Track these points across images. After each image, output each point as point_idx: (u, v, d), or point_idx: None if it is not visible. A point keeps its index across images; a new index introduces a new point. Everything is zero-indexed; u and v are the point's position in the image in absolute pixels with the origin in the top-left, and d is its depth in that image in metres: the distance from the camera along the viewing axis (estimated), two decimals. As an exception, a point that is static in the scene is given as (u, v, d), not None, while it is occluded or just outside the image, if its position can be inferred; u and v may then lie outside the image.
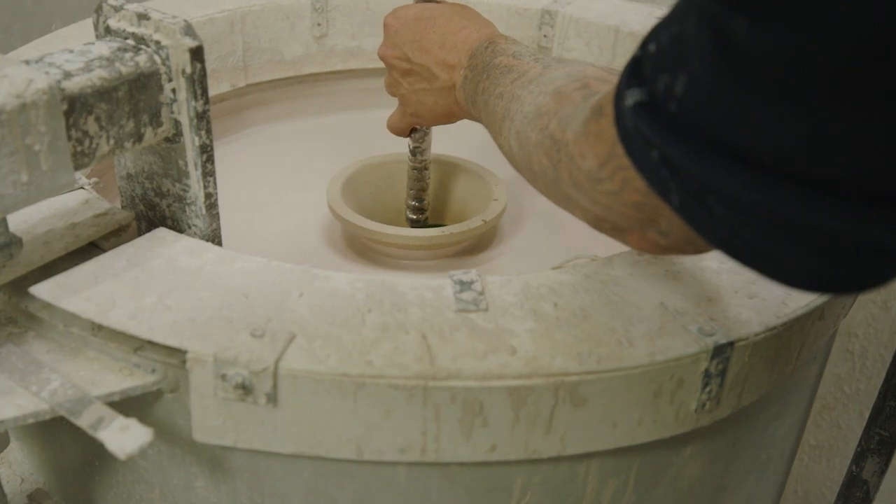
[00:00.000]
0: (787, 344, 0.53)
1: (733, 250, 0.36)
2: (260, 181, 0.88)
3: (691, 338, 0.49)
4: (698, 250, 0.43)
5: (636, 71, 0.37)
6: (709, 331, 0.49)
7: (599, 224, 0.45)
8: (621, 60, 0.93)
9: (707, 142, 0.33)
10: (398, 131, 0.78)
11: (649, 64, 0.36)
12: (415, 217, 0.84)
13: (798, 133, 0.31)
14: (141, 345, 0.48)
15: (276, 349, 0.45)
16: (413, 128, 0.78)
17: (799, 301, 0.53)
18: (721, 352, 0.49)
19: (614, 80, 0.40)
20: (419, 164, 0.80)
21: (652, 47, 0.36)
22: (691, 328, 0.49)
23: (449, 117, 0.71)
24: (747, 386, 0.52)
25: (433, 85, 0.69)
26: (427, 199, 0.83)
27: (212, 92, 0.91)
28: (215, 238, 0.56)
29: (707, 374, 0.49)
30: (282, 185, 0.88)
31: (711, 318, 0.50)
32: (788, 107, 0.30)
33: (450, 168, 0.86)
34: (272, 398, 0.46)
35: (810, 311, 0.53)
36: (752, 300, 0.52)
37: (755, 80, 0.31)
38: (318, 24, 0.96)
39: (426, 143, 0.80)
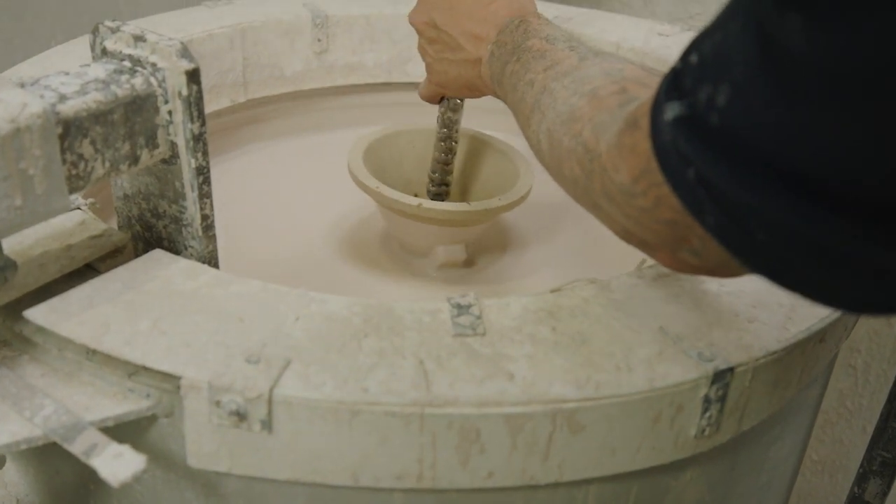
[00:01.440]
0: (788, 368, 0.52)
1: (774, 275, 0.34)
2: (259, 199, 0.88)
3: (691, 363, 0.48)
4: (732, 273, 0.41)
5: (676, 83, 0.35)
6: (709, 356, 0.49)
7: (628, 237, 0.43)
8: (622, 76, 0.93)
9: (749, 160, 0.31)
10: (426, 98, 0.75)
11: (690, 75, 0.34)
12: (435, 191, 0.81)
13: (854, 149, 0.28)
14: (135, 370, 0.47)
15: (271, 376, 0.45)
16: (442, 97, 0.75)
17: (800, 325, 0.52)
18: (721, 377, 0.48)
19: (654, 83, 0.38)
20: (446, 137, 0.78)
21: (693, 58, 0.34)
22: (691, 353, 0.49)
23: (472, 90, 0.69)
24: (748, 411, 0.52)
25: (458, 56, 0.67)
26: (451, 175, 0.80)
27: (211, 108, 0.91)
28: (212, 259, 0.56)
29: (707, 400, 0.49)
30: (281, 204, 0.88)
31: (711, 343, 0.50)
32: (844, 117, 0.27)
33: (478, 145, 0.83)
34: (267, 425, 0.45)
35: (811, 336, 0.52)
36: (753, 324, 0.52)
37: (806, 87, 0.28)
38: (319, 40, 0.95)
39: (456, 116, 0.77)
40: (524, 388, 0.46)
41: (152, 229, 0.57)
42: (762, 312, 0.53)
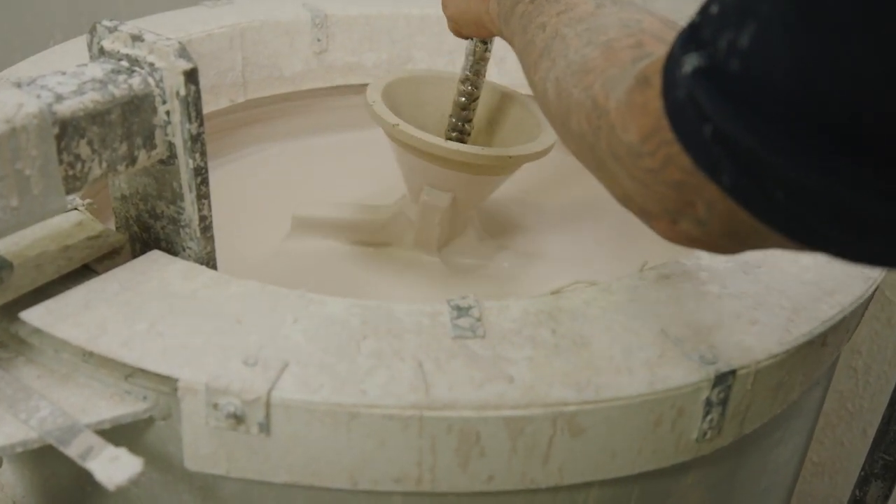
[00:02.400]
0: (790, 371, 0.52)
1: (794, 234, 0.33)
2: (259, 199, 0.88)
3: (692, 366, 0.48)
4: (735, 247, 0.39)
5: (693, 37, 0.33)
6: (710, 359, 0.48)
7: (629, 203, 0.42)
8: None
9: (770, 110, 0.29)
10: (453, 32, 0.72)
11: (710, 26, 0.32)
12: (455, 137, 0.79)
13: (890, 81, 0.26)
14: (132, 372, 0.47)
15: (268, 378, 0.44)
16: (469, 37, 0.73)
17: (802, 328, 0.52)
18: (723, 380, 0.48)
19: (672, 38, 0.36)
20: (465, 79, 0.76)
21: (714, 8, 0.32)
22: (692, 356, 0.48)
23: (480, 28, 0.66)
24: (749, 414, 0.51)
25: None
26: (470, 123, 0.78)
27: (210, 108, 0.91)
28: (210, 261, 0.56)
29: (708, 403, 0.48)
30: (281, 205, 0.87)
31: (713, 346, 0.49)
32: (880, 46, 0.25)
33: (503, 99, 0.82)
34: (265, 427, 0.45)
35: (813, 338, 0.52)
36: (755, 326, 0.52)
37: (839, 13, 0.26)
38: (318, 40, 0.95)
39: (477, 59, 0.74)
40: (524, 391, 0.45)
41: (150, 230, 0.56)
42: (764, 314, 0.52)
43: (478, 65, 0.75)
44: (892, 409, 0.72)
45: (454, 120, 0.78)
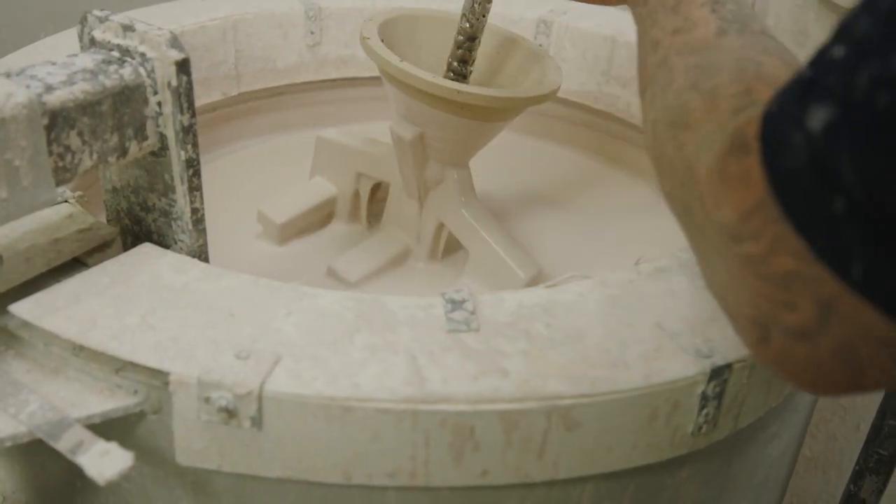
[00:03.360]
0: (785, 365, 0.52)
1: None
2: (252, 192, 0.87)
3: (688, 360, 0.48)
4: (845, 378, 0.30)
5: (811, 88, 0.27)
6: (706, 352, 0.48)
7: (720, 298, 0.34)
8: (617, 70, 0.92)
9: None
10: None
11: (836, 72, 0.26)
12: (452, 77, 0.74)
13: None
14: (123, 365, 0.47)
15: (261, 372, 0.44)
16: None
17: (798, 321, 0.52)
18: (718, 374, 0.48)
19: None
20: (466, 19, 0.71)
21: (838, 51, 0.27)
22: (688, 349, 0.48)
23: None
24: (745, 408, 0.51)
25: None
26: (471, 65, 0.74)
27: (203, 101, 0.90)
28: (202, 254, 0.55)
29: (704, 397, 0.48)
30: (275, 197, 0.87)
31: (709, 339, 0.49)
32: None
33: (507, 44, 0.78)
34: (257, 422, 0.44)
35: (809, 332, 0.52)
36: (750, 320, 0.51)
37: None
38: (312, 33, 0.94)
39: (483, 3, 0.71)
40: (518, 385, 0.45)
41: (141, 223, 0.56)
42: (760, 308, 0.52)
43: (481, 2, 0.71)
44: (886, 403, 0.72)
45: (452, 61, 0.74)
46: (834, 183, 0.26)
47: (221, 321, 0.48)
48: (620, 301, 0.52)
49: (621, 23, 0.94)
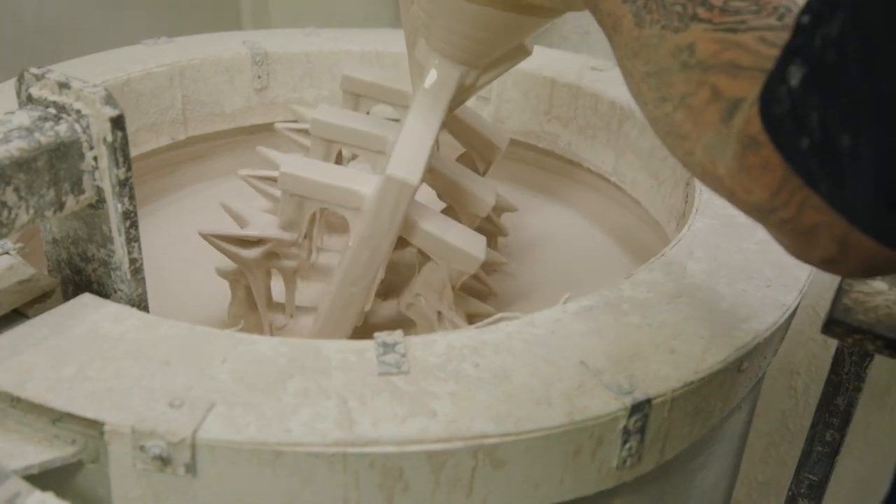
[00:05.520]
0: (706, 398, 0.54)
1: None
2: (199, 239, 0.88)
3: (609, 396, 0.49)
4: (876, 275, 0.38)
5: (788, 58, 0.34)
6: (627, 388, 0.50)
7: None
8: (558, 110, 0.95)
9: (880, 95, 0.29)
10: None
11: (803, 36, 0.33)
12: None
13: None
14: (60, 416, 0.47)
15: (194, 419, 0.45)
16: None
17: (717, 355, 0.54)
18: (639, 409, 0.50)
19: (744, 60, 0.37)
20: None
21: (805, 18, 0.33)
22: (610, 386, 0.50)
23: None
24: (669, 440, 0.53)
25: None
26: None
27: (151, 146, 0.92)
28: (141, 303, 0.56)
29: (626, 432, 0.50)
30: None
31: (631, 376, 0.51)
32: None
33: None
34: (191, 468, 0.45)
35: (728, 365, 0.54)
36: (673, 355, 0.53)
37: None
38: (259, 77, 0.96)
39: None
40: (446, 426, 0.47)
41: (82, 273, 0.57)
42: (682, 344, 0.54)
43: None
44: (814, 430, 0.74)
45: None
46: (805, 127, 0.33)
47: (157, 370, 0.49)
48: (547, 340, 0.53)
49: (561, 64, 0.97)
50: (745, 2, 0.41)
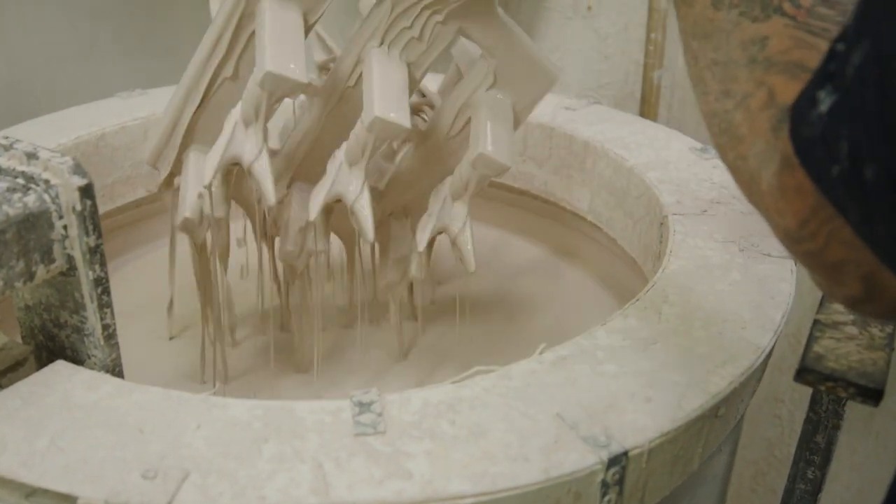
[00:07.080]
0: (685, 445, 0.54)
1: None
2: (178, 288, 0.88)
3: (586, 449, 0.49)
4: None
5: (820, 82, 0.33)
6: (603, 441, 0.50)
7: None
8: (532, 150, 0.96)
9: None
10: None
11: (836, 62, 0.32)
12: None
13: None
14: (33, 491, 0.47)
15: (167, 491, 0.45)
16: None
17: (693, 403, 0.54)
18: (616, 462, 0.50)
19: (805, 59, 0.36)
20: None
21: (839, 46, 0.32)
22: (587, 439, 0.50)
23: None
24: (648, 490, 0.53)
25: None
26: None
27: (127, 199, 0.92)
28: (115, 367, 0.56)
29: (605, 485, 0.50)
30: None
31: (607, 427, 0.51)
32: None
33: None
34: (166, 540, 0.45)
35: (705, 412, 0.54)
36: (649, 403, 0.54)
37: None
38: (234, 126, 0.96)
39: None
40: (422, 487, 0.46)
41: (55, 339, 0.57)
42: (657, 392, 0.54)
43: None
44: (795, 468, 0.74)
45: None
46: (834, 153, 0.31)
47: (130, 439, 0.48)
48: (522, 393, 0.53)
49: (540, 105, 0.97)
50: (833, 11, 0.40)
